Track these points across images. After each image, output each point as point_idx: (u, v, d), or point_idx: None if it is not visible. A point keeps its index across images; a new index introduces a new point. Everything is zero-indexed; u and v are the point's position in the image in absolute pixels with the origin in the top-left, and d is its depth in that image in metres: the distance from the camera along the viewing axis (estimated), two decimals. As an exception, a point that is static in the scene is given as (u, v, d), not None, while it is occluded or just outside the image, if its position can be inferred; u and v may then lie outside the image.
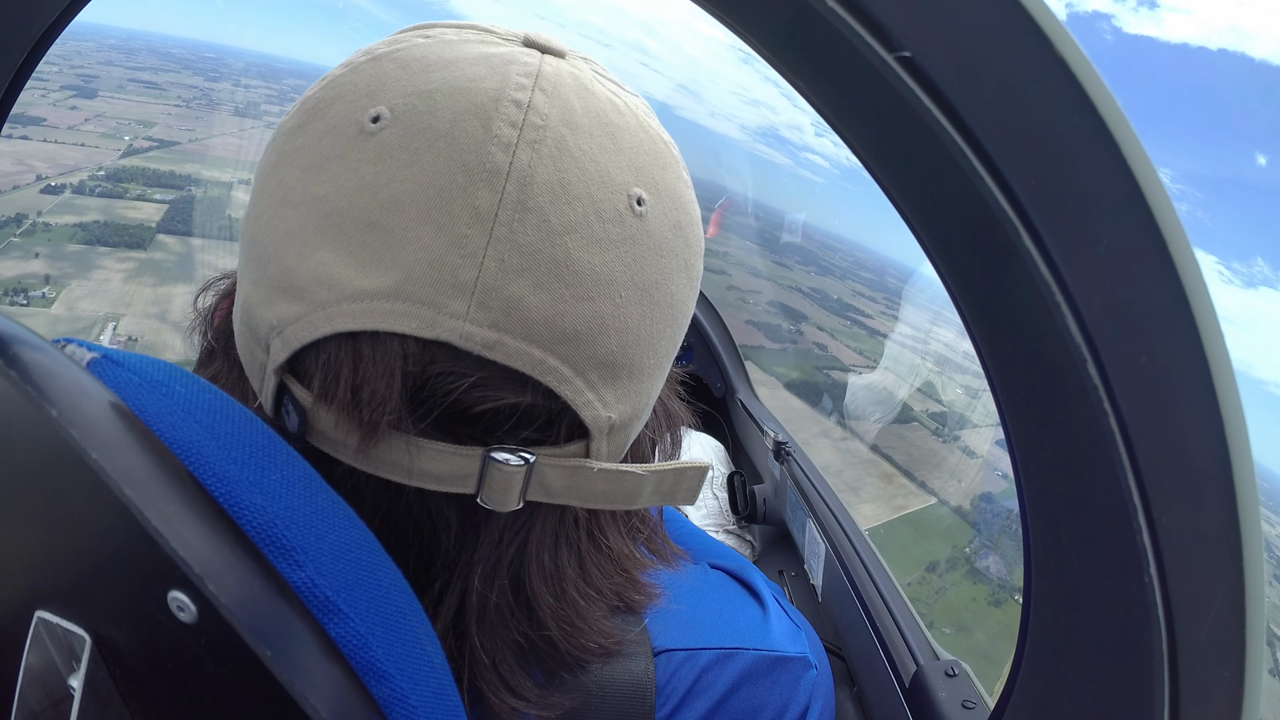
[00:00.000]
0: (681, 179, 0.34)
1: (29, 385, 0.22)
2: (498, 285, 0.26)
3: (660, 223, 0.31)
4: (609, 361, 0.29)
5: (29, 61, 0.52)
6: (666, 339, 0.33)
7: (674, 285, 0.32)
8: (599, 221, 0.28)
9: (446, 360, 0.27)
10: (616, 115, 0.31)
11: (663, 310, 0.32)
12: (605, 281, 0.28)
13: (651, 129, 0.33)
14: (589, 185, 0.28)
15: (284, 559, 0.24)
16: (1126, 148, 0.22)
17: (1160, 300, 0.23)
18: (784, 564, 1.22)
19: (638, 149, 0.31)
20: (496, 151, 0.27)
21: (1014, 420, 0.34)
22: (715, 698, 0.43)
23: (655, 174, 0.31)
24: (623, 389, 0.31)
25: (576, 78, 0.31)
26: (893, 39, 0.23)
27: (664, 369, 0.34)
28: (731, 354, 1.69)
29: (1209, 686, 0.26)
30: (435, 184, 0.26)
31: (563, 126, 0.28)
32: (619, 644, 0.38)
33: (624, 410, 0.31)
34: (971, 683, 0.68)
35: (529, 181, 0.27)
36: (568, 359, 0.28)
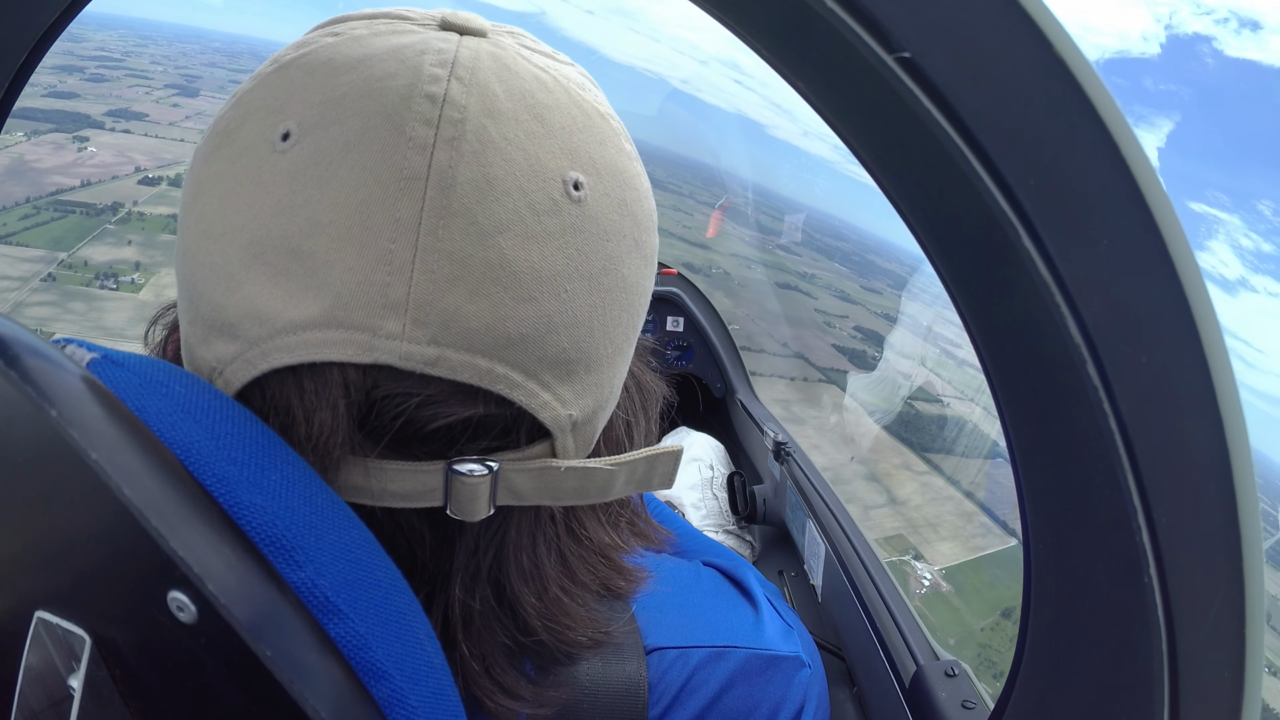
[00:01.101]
0: (624, 152, 0.31)
1: (29, 385, 0.22)
2: (431, 298, 0.25)
3: (603, 205, 0.29)
4: (561, 359, 0.28)
5: (29, 61, 0.52)
6: (623, 324, 0.31)
7: (625, 268, 0.30)
8: (533, 215, 0.26)
9: (390, 383, 0.26)
10: (544, 93, 0.29)
11: (615, 296, 0.30)
12: (548, 278, 0.27)
13: (585, 102, 0.30)
14: (518, 177, 0.26)
15: (284, 559, 0.24)
16: (1126, 148, 0.22)
17: (1160, 300, 0.23)
18: (784, 564, 1.22)
19: (570, 128, 0.29)
20: (413, 155, 0.25)
21: (1014, 420, 0.34)
22: (708, 697, 0.43)
23: (592, 152, 0.29)
24: (581, 384, 0.29)
25: (498, 58, 0.28)
26: (892, 39, 0.23)
27: (625, 354, 0.33)
28: (731, 354, 1.69)
29: (1209, 686, 0.26)
30: (352, 200, 0.25)
31: (483, 116, 0.26)
32: (608, 634, 0.38)
33: (585, 405, 0.30)
34: (971, 683, 0.68)
35: (451, 183, 0.25)
36: (517, 364, 0.26)
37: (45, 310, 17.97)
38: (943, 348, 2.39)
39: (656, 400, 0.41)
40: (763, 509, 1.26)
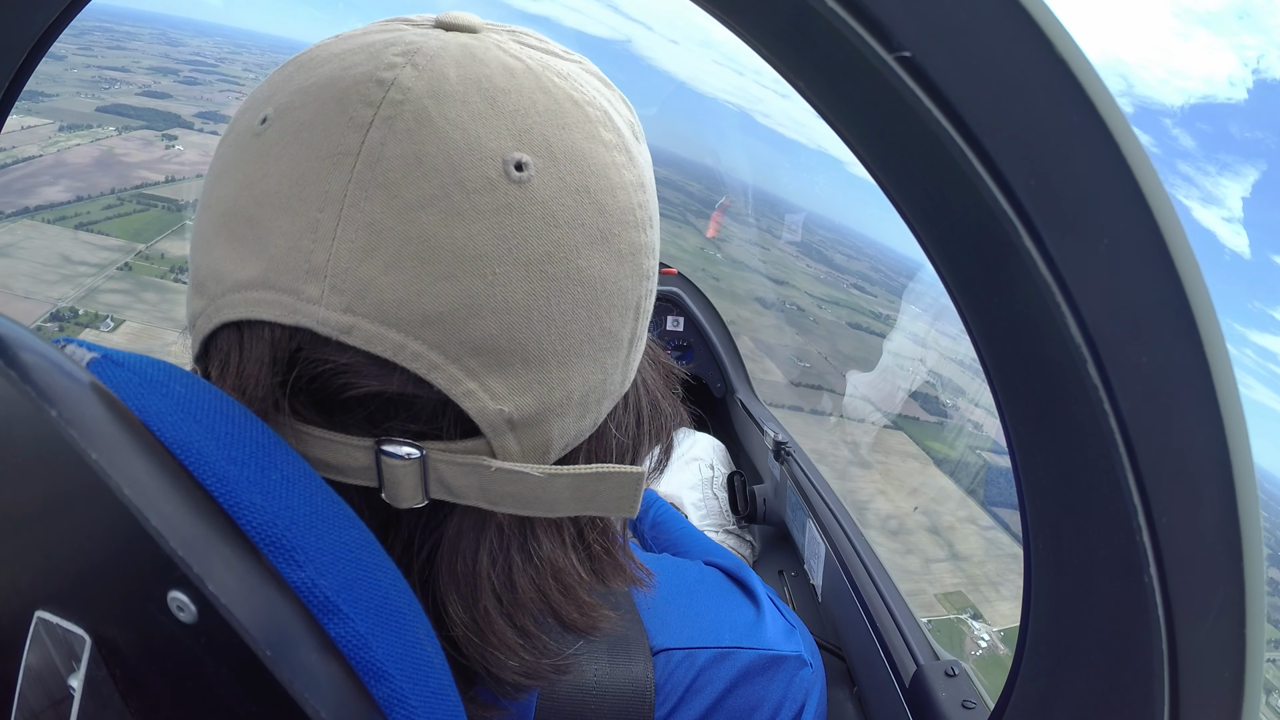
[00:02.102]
0: (598, 139, 0.30)
1: (29, 385, 0.22)
2: (348, 267, 0.26)
3: (552, 189, 0.28)
4: (488, 347, 0.27)
5: (29, 61, 0.52)
6: (580, 321, 0.29)
7: (581, 259, 0.28)
8: (461, 192, 0.26)
9: (311, 347, 0.27)
10: (505, 78, 0.28)
11: (565, 288, 0.28)
12: (472, 258, 0.26)
13: (556, 88, 0.29)
14: (450, 155, 0.26)
15: (284, 559, 0.24)
16: (1126, 148, 0.22)
17: (1160, 300, 0.23)
18: (784, 564, 1.22)
19: (527, 110, 0.28)
20: (350, 133, 0.26)
21: (1014, 420, 0.34)
22: (713, 696, 0.43)
23: (549, 135, 0.28)
24: (517, 379, 0.28)
25: (467, 47, 0.29)
26: (893, 39, 0.23)
27: (590, 357, 0.30)
28: (731, 354, 1.69)
29: (1209, 686, 0.26)
30: (294, 173, 0.27)
31: (427, 98, 0.27)
32: (539, 673, 0.33)
33: (525, 404, 0.28)
34: (971, 683, 0.68)
35: (379, 158, 0.26)
36: (435, 344, 0.26)
37: (118, 298, 18.29)
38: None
39: (667, 430, 0.39)
40: (763, 509, 1.26)
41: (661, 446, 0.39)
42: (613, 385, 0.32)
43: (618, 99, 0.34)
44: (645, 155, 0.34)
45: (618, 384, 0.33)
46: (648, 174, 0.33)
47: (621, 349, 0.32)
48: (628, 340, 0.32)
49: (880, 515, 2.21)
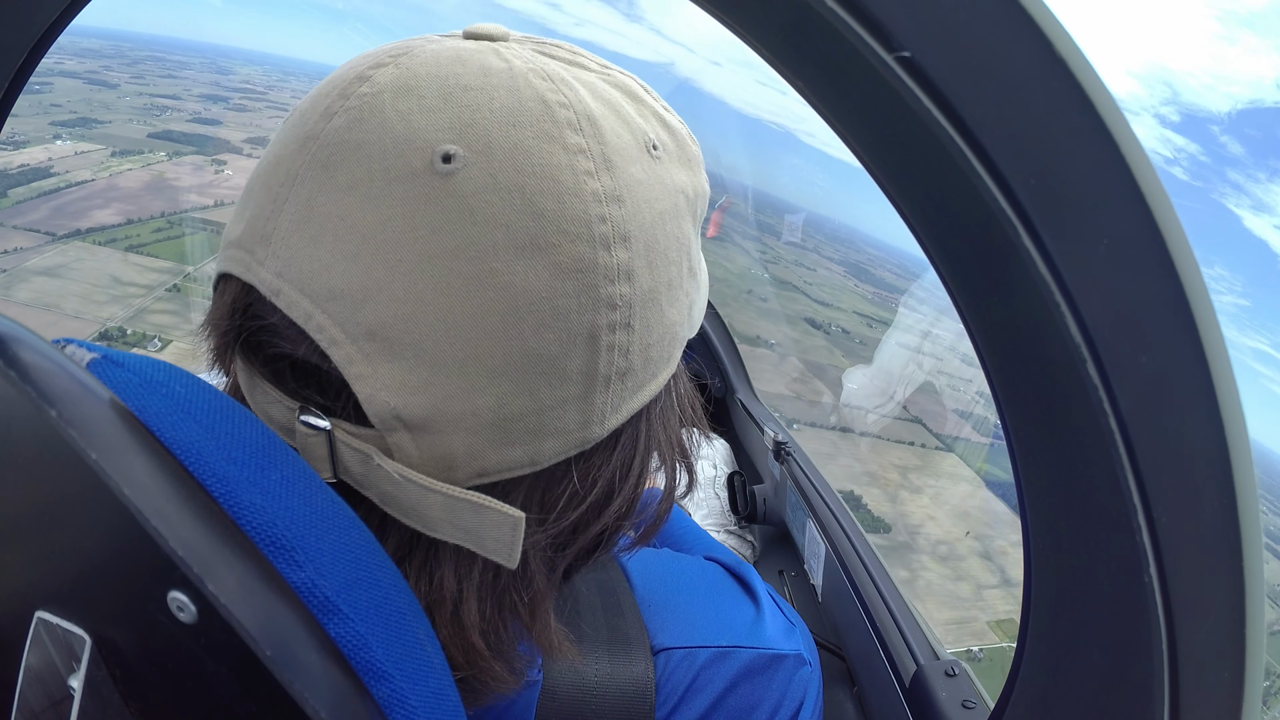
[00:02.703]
0: (555, 140, 0.28)
1: (29, 385, 0.22)
2: (286, 237, 0.28)
3: (477, 184, 0.27)
4: (381, 333, 0.27)
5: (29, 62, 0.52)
6: (487, 331, 0.27)
7: (498, 262, 0.27)
8: (384, 179, 0.27)
9: (258, 304, 0.29)
10: (478, 78, 0.28)
11: (474, 290, 0.26)
12: (379, 242, 0.26)
13: (529, 87, 0.28)
14: (386, 143, 0.27)
15: (284, 559, 0.24)
16: (1126, 148, 0.22)
17: (1160, 300, 0.23)
18: (784, 564, 1.22)
19: (480, 106, 0.28)
20: (320, 121, 0.29)
21: (1014, 420, 0.34)
22: (713, 696, 0.43)
23: (492, 131, 0.27)
24: (411, 375, 0.27)
25: (459, 51, 0.29)
26: (893, 39, 0.23)
27: (502, 375, 0.27)
28: (731, 354, 1.69)
29: (1209, 686, 0.26)
30: (278, 153, 0.30)
31: (389, 92, 0.28)
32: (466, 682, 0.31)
33: (415, 404, 0.27)
34: (971, 683, 0.68)
35: (331, 143, 0.28)
36: (337, 319, 0.27)
37: (166, 319, 18.72)
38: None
39: (659, 515, 0.36)
40: (763, 509, 1.26)
41: (640, 522, 0.36)
42: (562, 424, 0.29)
43: (647, 113, 0.32)
44: (654, 174, 0.31)
45: (573, 425, 0.29)
46: (642, 192, 0.30)
47: (568, 383, 0.28)
48: (579, 376, 0.29)
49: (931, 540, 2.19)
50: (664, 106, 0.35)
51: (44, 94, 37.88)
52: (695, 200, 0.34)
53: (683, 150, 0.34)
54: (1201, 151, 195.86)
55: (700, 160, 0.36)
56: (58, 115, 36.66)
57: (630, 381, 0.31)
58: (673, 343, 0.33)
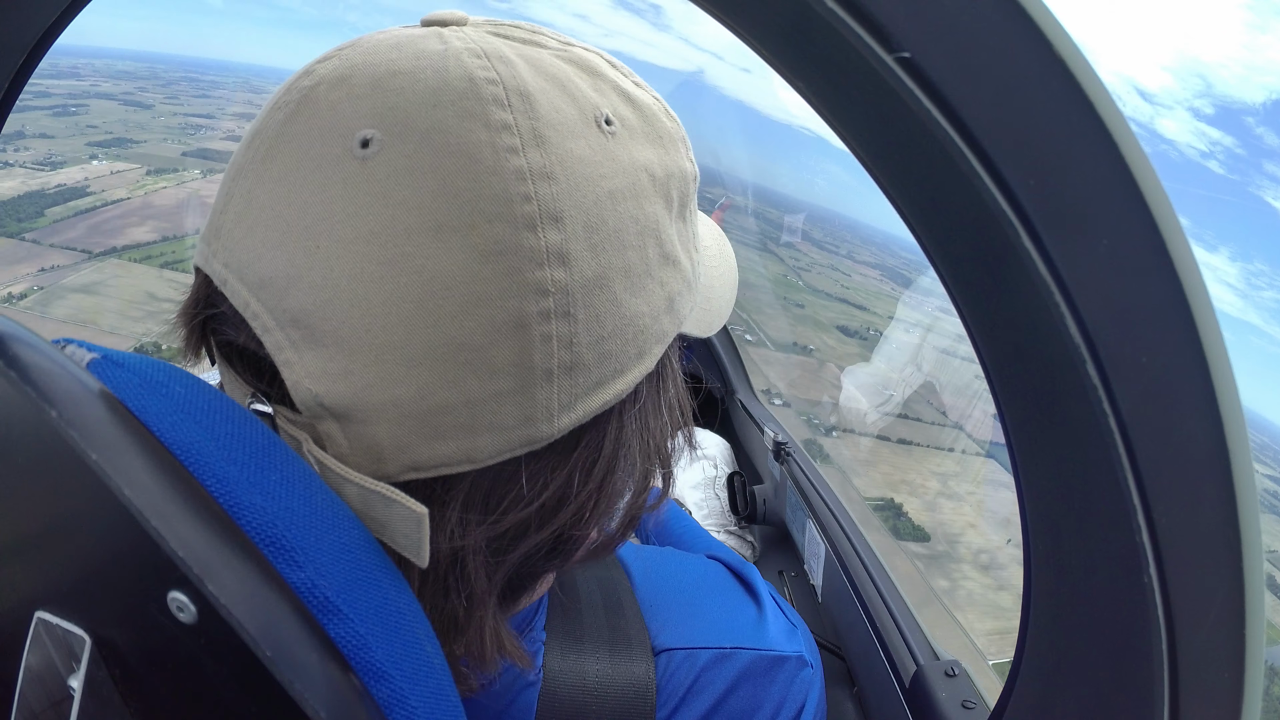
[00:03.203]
0: (477, 117, 0.27)
1: (29, 385, 0.22)
2: (231, 228, 0.29)
3: (393, 166, 0.26)
4: (303, 320, 0.26)
5: (28, 63, 0.52)
6: (402, 317, 0.26)
7: (411, 245, 0.26)
8: (309, 167, 0.27)
9: (214, 294, 0.30)
10: (411, 62, 0.28)
11: (392, 275, 0.26)
12: (300, 229, 0.27)
13: (458, 68, 0.28)
14: (313, 133, 0.27)
15: (284, 559, 0.24)
16: (1125, 148, 0.22)
17: (1160, 300, 0.23)
18: (784, 564, 1.22)
19: (405, 90, 0.27)
20: (266, 116, 0.30)
21: (1014, 420, 0.34)
22: (714, 697, 0.43)
23: (412, 113, 0.27)
24: (331, 362, 0.26)
25: (400, 38, 0.29)
26: (892, 39, 0.23)
27: (421, 365, 0.26)
28: (731, 354, 1.69)
29: (1209, 687, 0.26)
30: (238, 150, 0.30)
31: (324, 84, 0.28)
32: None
33: (336, 391, 0.26)
34: (971, 683, 0.68)
35: (270, 136, 0.29)
36: (269, 306, 0.27)
37: None
38: None
39: (622, 513, 0.34)
40: (763, 509, 1.26)
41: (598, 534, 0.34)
42: (498, 419, 0.27)
43: (605, 87, 0.31)
44: (605, 150, 0.29)
45: (512, 421, 0.28)
46: (582, 169, 0.28)
47: (499, 375, 0.27)
48: (510, 367, 0.27)
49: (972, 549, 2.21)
50: (635, 82, 0.33)
51: (80, 115, 38.07)
52: (666, 180, 0.32)
53: (651, 126, 0.32)
54: (1237, 144, 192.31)
55: (678, 138, 0.34)
56: (94, 136, 36.84)
57: (582, 377, 0.29)
58: (641, 336, 0.30)
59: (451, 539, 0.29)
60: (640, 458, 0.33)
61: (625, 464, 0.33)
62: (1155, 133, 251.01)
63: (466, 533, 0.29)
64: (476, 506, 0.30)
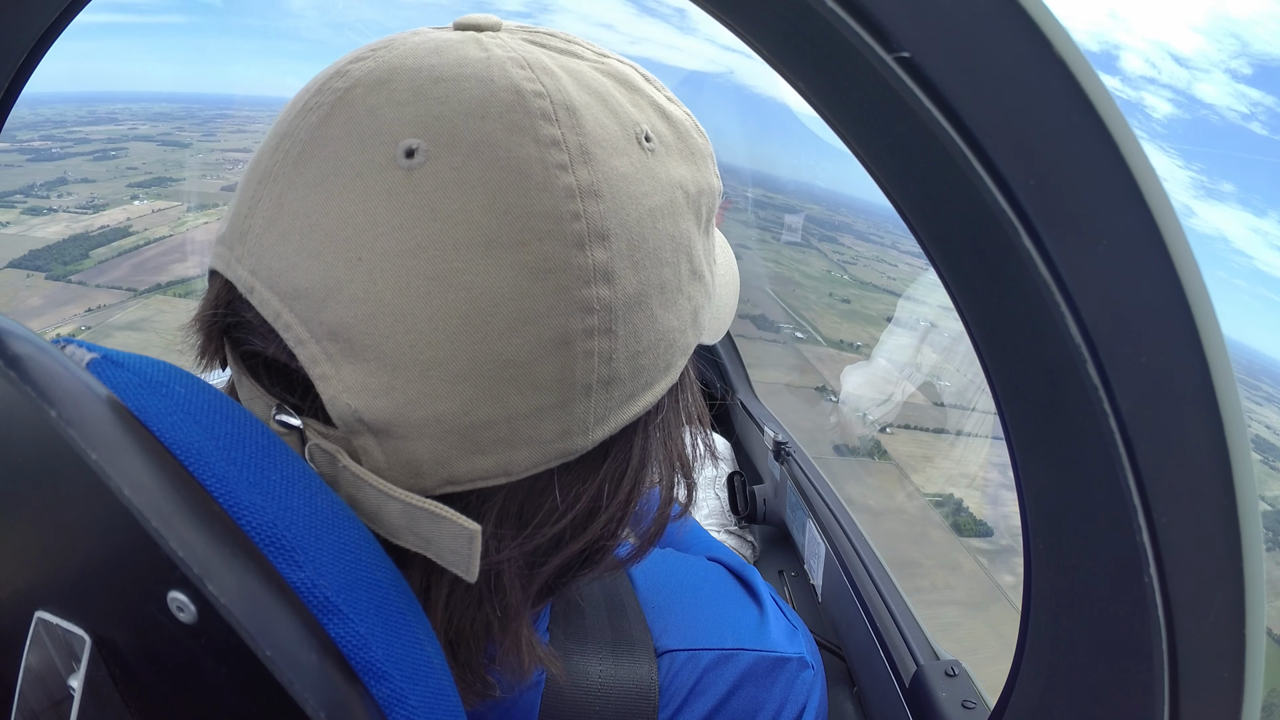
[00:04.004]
0: (526, 131, 0.27)
1: (29, 385, 0.22)
2: (259, 234, 0.28)
3: (441, 179, 0.26)
4: (342, 333, 0.26)
5: (28, 63, 0.52)
6: (450, 333, 0.26)
7: (460, 261, 0.25)
8: (348, 174, 0.26)
9: (236, 300, 0.29)
10: (454, 69, 0.27)
11: (439, 290, 0.25)
12: (341, 239, 0.26)
13: (504, 78, 0.27)
14: (351, 138, 0.27)
15: (284, 559, 0.24)
16: (1125, 148, 0.22)
17: (1160, 300, 0.23)
18: (784, 564, 1.22)
19: (450, 98, 0.27)
20: (295, 118, 0.28)
21: (1014, 420, 0.34)
22: (717, 698, 0.43)
23: (459, 124, 0.26)
24: (372, 377, 0.26)
25: (440, 42, 0.29)
26: (892, 39, 0.23)
27: (466, 381, 0.26)
28: (731, 354, 1.69)
29: (1209, 686, 0.26)
30: (260, 151, 0.30)
31: (362, 86, 0.27)
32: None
33: (377, 407, 0.26)
34: (971, 683, 0.68)
35: (302, 140, 0.28)
36: (303, 318, 0.26)
37: None
38: None
39: (651, 523, 0.34)
40: (763, 509, 1.26)
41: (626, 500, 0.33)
42: (537, 433, 0.27)
43: (643, 103, 0.31)
44: (645, 168, 0.29)
45: (550, 435, 0.28)
46: (626, 186, 0.28)
47: (541, 391, 0.27)
48: (552, 383, 0.27)
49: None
50: (668, 97, 0.33)
51: (120, 159, 38.25)
52: (698, 197, 0.32)
53: (684, 143, 0.32)
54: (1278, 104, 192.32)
55: (707, 154, 0.34)
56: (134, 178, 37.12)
57: (617, 391, 0.29)
58: (670, 350, 0.31)
59: (488, 554, 0.29)
60: (665, 467, 0.34)
61: (652, 473, 0.33)
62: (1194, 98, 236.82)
63: (502, 547, 0.29)
64: (511, 520, 0.30)
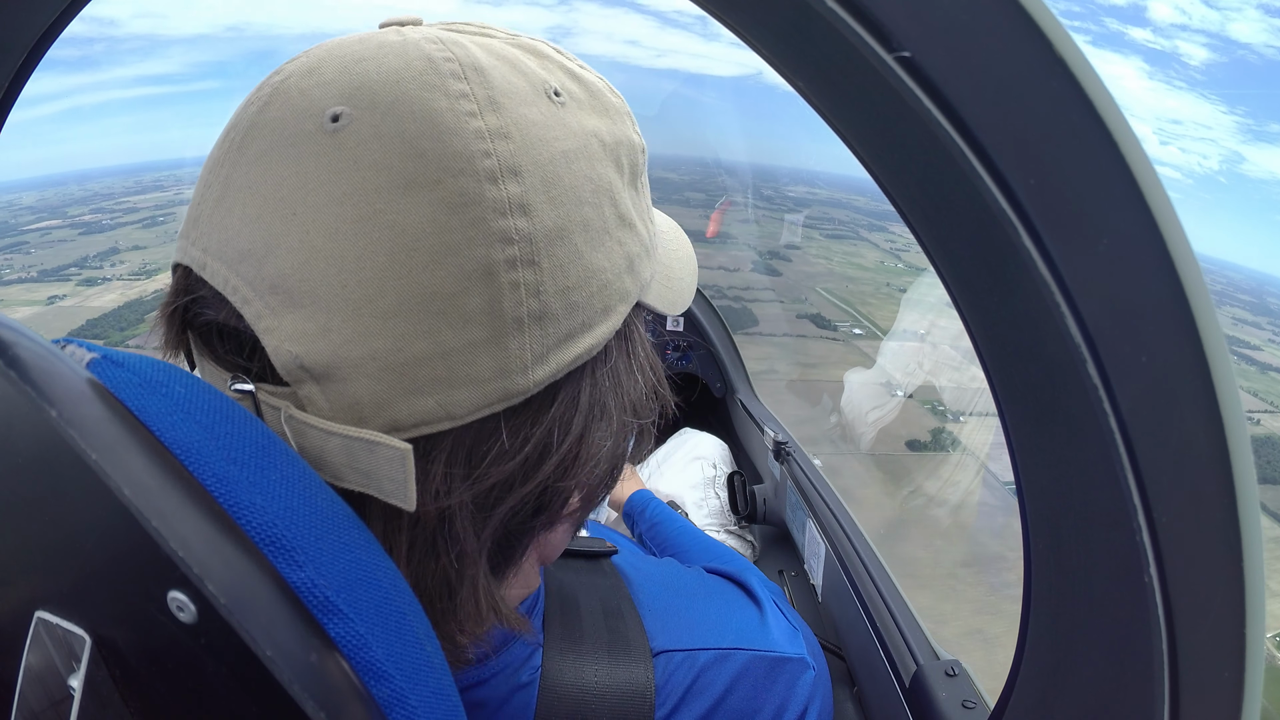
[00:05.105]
0: (438, 88, 0.29)
1: (29, 385, 0.22)
2: (209, 215, 0.30)
3: (363, 135, 0.28)
4: (282, 285, 0.28)
5: (29, 62, 0.52)
6: (377, 270, 0.27)
7: (382, 202, 0.27)
8: (283, 144, 0.29)
9: (194, 282, 0.31)
10: (374, 51, 0.30)
11: (364, 231, 0.27)
12: (276, 200, 0.28)
13: (418, 51, 0.30)
14: (287, 116, 0.29)
15: (284, 559, 0.24)
16: (1125, 147, 0.22)
17: (1160, 300, 0.23)
18: (784, 564, 1.22)
19: (370, 72, 0.29)
20: (238, 114, 0.31)
21: (1014, 420, 0.34)
22: (713, 698, 0.43)
23: (377, 89, 0.29)
24: (310, 322, 0.27)
25: (360, 35, 0.32)
26: (892, 39, 0.23)
27: (396, 316, 0.27)
28: (731, 354, 1.69)
29: (1209, 686, 0.26)
30: (216, 147, 0.32)
31: (294, 75, 0.30)
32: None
33: (316, 350, 0.27)
34: (971, 683, 0.68)
35: (244, 127, 0.30)
36: (248, 278, 0.28)
37: None
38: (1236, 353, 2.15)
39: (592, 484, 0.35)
40: (763, 509, 1.26)
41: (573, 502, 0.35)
42: (474, 371, 0.29)
43: (552, 66, 0.33)
44: (555, 116, 0.31)
45: (488, 373, 0.29)
46: (536, 131, 0.30)
47: (472, 324, 0.28)
48: (481, 315, 0.28)
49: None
50: (579, 65, 0.35)
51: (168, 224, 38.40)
52: (616, 147, 0.34)
53: (596, 100, 0.34)
54: None
55: (623, 112, 0.36)
56: None
57: (552, 328, 0.30)
58: (605, 292, 0.32)
59: (438, 498, 0.30)
60: (616, 411, 0.35)
61: (601, 417, 0.34)
62: (1230, 40, 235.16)
63: (452, 490, 0.30)
64: (460, 463, 0.30)
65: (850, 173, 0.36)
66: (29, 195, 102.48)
